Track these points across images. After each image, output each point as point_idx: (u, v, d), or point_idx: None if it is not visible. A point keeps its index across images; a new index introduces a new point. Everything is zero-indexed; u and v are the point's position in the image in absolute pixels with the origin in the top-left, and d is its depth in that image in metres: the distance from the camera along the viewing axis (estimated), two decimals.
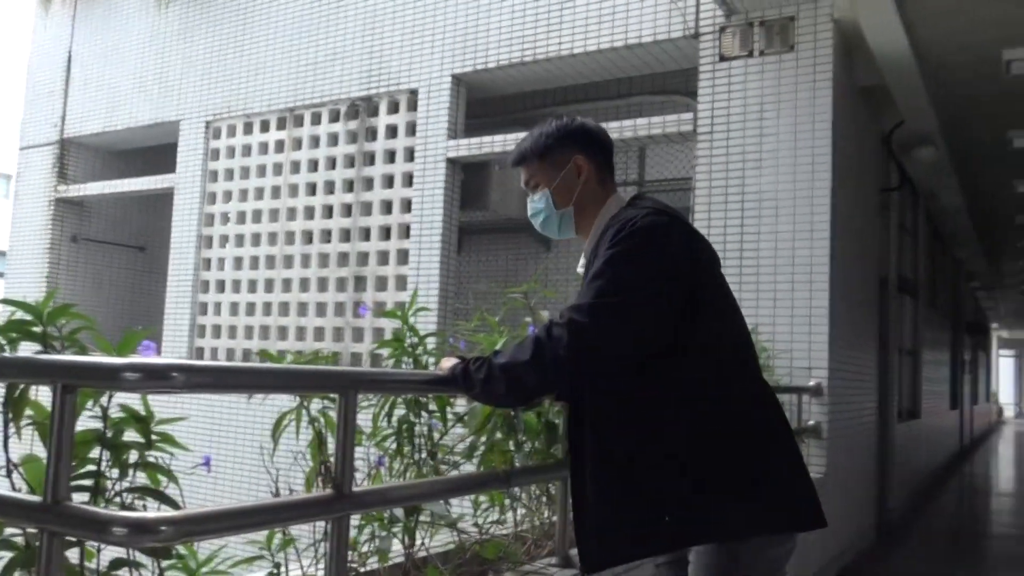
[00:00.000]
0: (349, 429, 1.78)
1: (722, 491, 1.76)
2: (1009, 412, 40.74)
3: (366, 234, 8.06)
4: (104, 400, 1.65)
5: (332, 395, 1.98)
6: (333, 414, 2.11)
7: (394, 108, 8.04)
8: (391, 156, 8.01)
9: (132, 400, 1.70)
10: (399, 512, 2.25)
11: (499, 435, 2.46)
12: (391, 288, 7.81)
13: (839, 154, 5.91)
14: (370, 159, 8.12)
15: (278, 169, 8.72)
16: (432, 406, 2.50)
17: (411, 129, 7.89)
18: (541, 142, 2.11)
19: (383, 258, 7.92)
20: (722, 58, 6.27)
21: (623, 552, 1.82)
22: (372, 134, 8.16)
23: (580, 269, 2.06)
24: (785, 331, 5.82)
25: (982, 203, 10.95)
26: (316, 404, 2.17)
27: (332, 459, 1.81)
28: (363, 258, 8.05)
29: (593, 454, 1.82)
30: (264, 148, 8.86)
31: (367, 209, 8.06)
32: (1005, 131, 7.88)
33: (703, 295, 1.87)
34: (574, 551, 2.74)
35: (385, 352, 2.57)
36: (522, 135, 7.52)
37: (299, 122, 8.62)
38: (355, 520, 2.16)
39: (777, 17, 6.10)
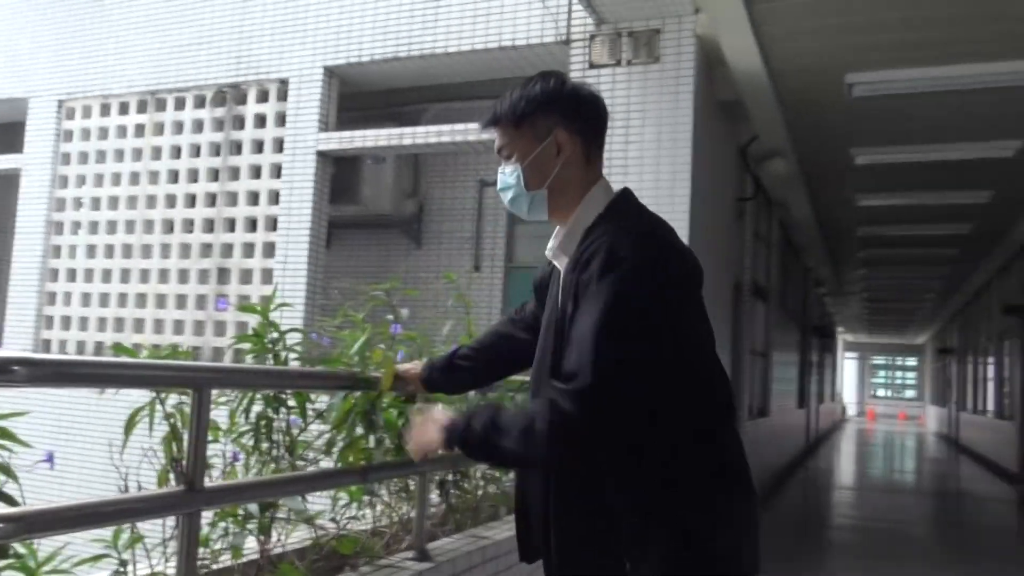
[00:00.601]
0: (202, 425, 1.76)
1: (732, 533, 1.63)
2: (852, 411, 43.57)
3: (231, 225, 7.83)
4: None
5: (187, 390, 1.94)
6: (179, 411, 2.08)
7: (263, 97, 7.85)
8: (259, 146, 7.82)
9: None
10: (254, 508, 2.23)
11: (358, 431, 2.47)
12: (256, 281, 7.62)
13: (699, 163, 6.19)
14: (237, 148, 7.89)
15: (137, 154, 8.35)
16: (291, 402, 2.48)
17: (280, 119, 7.73)
18: (520, 107, 1.76)
19: (248, 250, 7.72)
20: (592, 65, 6.45)
21: None
22: (239, 122, 7.94)
23: (548, 254, 1.80)
24: None
25: (827, 215, 11.70)
26: (172, 399, 2.13)
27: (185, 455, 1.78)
28: (227, 250, 7.82)
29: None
30: (122, 131, 8.46)
31: (232, 199, 7.84)
32: (848, 149, 8.46)
33: (687, 334, 1.66)
34: (431, 545, 2.79)
35: (246, 347, 2.53)
36: (394, 131, 7.45)
37: (161, 106, 8.29)
38: (208, 517, 2.13)
39: (644, 29, 6.33)
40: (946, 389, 26.94)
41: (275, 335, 2.53)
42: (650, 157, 6.20)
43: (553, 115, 1.76)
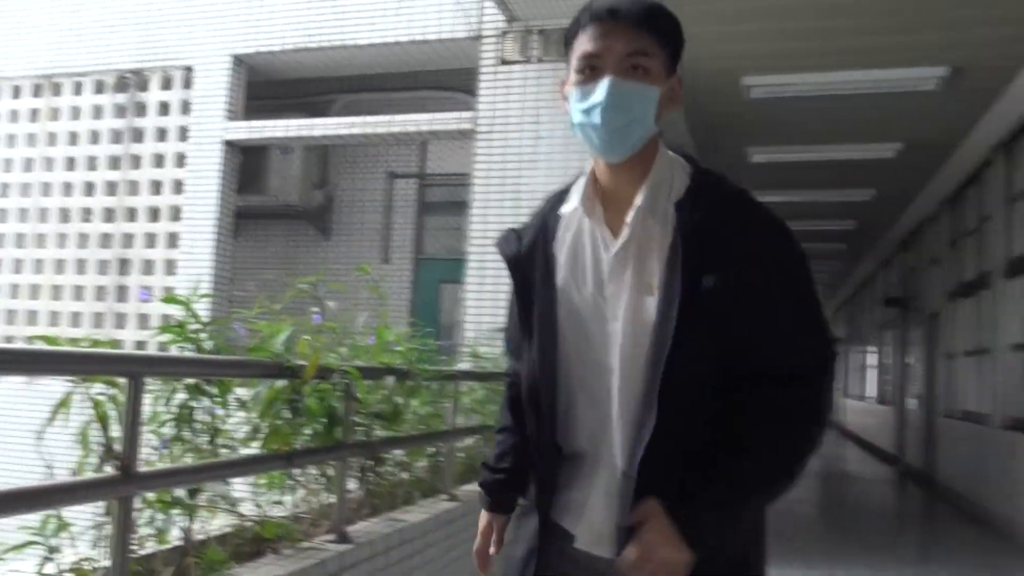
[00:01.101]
0: (136, 411, 1.80)
1: None
2: None
3: (132, 215, 7.64)
4: None
5: (116, 380, 1.97)
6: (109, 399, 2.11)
7: (167, 84, 7.68)
8: (162, 134, 7.65)
9: None
10: (180, 495, 2.27)
11: (282, 419, 2.53)
12: (159, 272, 7.46)
13: None
14: (139, 136, 7.70)
15: (31, 140, 8.04)
16: (213, 391, 2.52)
17: (185, 107, 7.58)
18: (678, 32, 1.44)
19: (150, 240, 7.55)
20: (503, 62, 6.58)
21: None
22: (142, 109, 7.75)
23: (629, 220, 1.41)
24: None
25: None
26: (96, 388, 2.15)
27: (115, 442, 1.82)
28: (128, 240, 7.63)
29: None
30: (15, 116, 8.13)
31: (134, 188, 7.64)
32: (744, 147, 8.85)
33: None
34: (350, 528, 2.88)
35: (167, 338, 2.56)
36: (305, 122, 7.38)
37: (57, 91, 8.00)
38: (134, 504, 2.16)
39: (554, 28, 6.49)
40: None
41: (197, 326, 2.57)
42: (559, 152, 6.38)
43: (677, 57, 1.46)
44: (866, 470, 14.13)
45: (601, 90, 1.37)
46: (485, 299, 6.37)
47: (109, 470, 1.81)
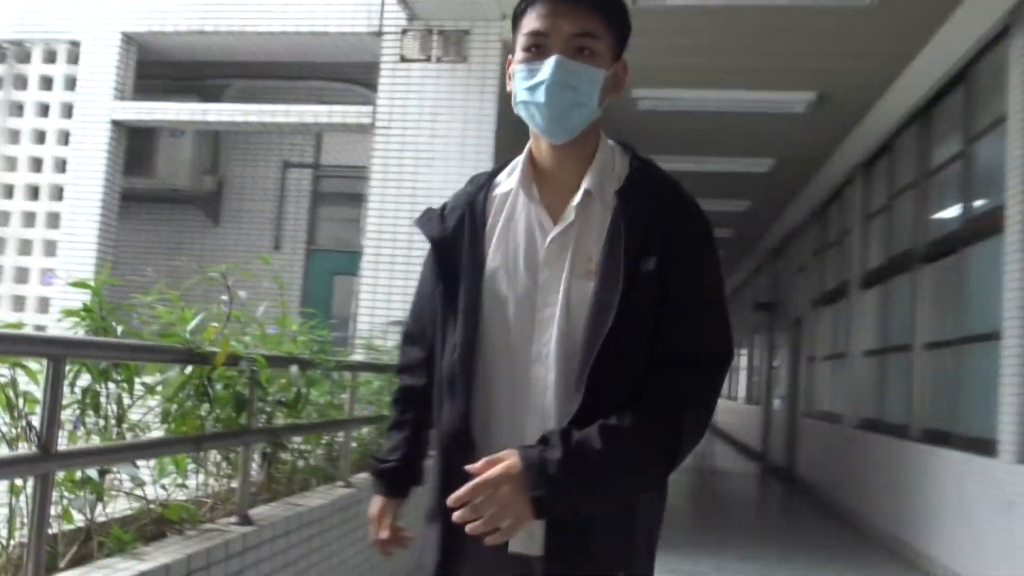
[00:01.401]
0: (58, 393, 1.86)
1: None
2: None
3: (9, 192, 7.33)
4: None
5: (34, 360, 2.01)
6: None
7: (50, 58, 7.40)
8: (44, 110, 7.37)
9: None
10: (92, 475, 2.32)
11: (190, 403, 2.60)
12: (37, 253, 7.19)
13: (498, 159, 6.61)
14: (18, 110, 7.39)
15: None
16: (119, 376, 2.57)
17: (70, 83, 7.32)
18: (625, 17, 1.44)
19: (29, 220, 7.26)
20: (403, 59, 6.68)
21: None
22: (22, 83, 7.43)
23: (575, 203, 1.41)
24: None
25: None
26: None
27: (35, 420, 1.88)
28: (3, 218, 7.31)
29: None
30: None
31: (12, 165, 7.33)
32: None
33: None
34: (253, 510, 2.96)
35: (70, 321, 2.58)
36: (198, 106, 7.26)
37: None
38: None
39: (454, 29, 6.64)
40: None
41: (103, 311, 2.60)
42: (455, 150, 6.53)
43: (624, 42, 1.45)
44: (735, 466, 14.91)
45: (546, 69, 1.35)
46: (380, 292, 6.46)
47: (27, 448, 1.87)
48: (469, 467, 1.27)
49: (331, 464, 3.92)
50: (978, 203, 5.88)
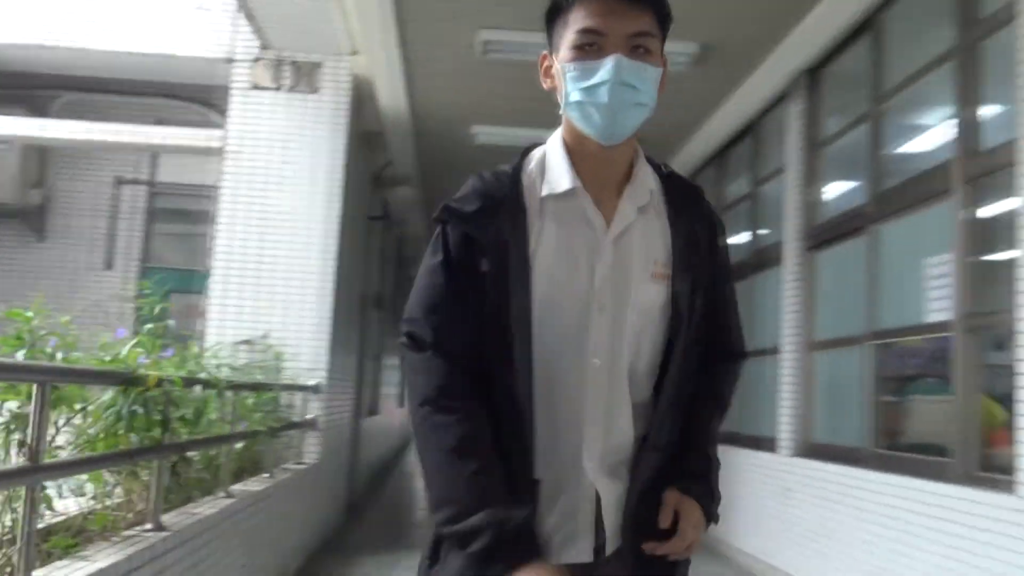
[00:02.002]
0: (46, 412, 2.15)
1: None
2: None
3: None
4: None
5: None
6: None
7: None
8: None
9: None
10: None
11: (122, 423, 2.87)
12: None
13: (347, 187, 6.98)
14: None
15: None
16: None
17: None
18: (670, 15, 1.41)
19: None
20: (255, 87, 6.91)
21: None
22: None
23: (643, 204, 1.42)
24: (295, 336, 6.65)
25: None
26: None
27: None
28: None
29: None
30: None
31: None
32: (467, 180, 9.89)
33: None
34: (164, 517, 3.25)
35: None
36: (35, 121, 7.10)
37: None
38: None
39: (306, 61, 6.95)
40: None
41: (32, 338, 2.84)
42: (305, 177, 6.83)
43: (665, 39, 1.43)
44: None
45: (607, 68, 1.31)
46: (229, 312, 6.61)
47: (18, 460, 2.13)
48: (662, 521, 1.37)
49: (213, 476, 4.18)
50: (763, 234, 7.01)
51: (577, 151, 1.42)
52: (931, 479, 4.15)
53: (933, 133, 4.84)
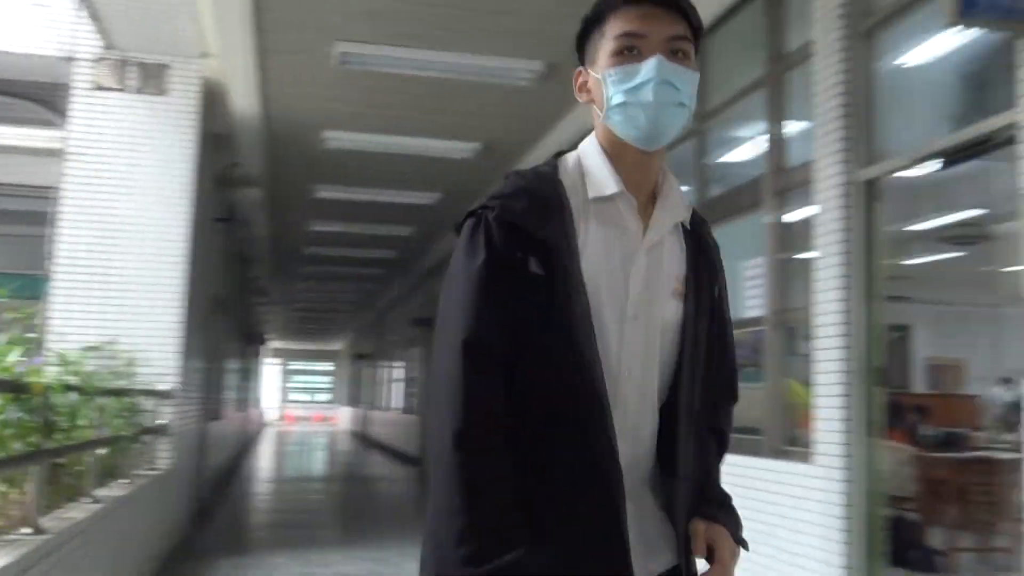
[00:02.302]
0: None
1: None
2: (271, 415, 45.67)
3: None
4: None
5: None
6: None
7: None
8: None
9: None
10: None
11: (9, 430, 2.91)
12: None
13: (196, 189, 6.93)
14: None
15: None
16: None
17: None
18: (702, 25, 1.42)
19: None
20: (98, 87, 6.75)
21: None
22: None
23: (679, 221, 1.45)
24: (145, 341, 6.55)
25: (283, 234, 13.23)
26: None
27: None
28: None
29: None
30: None
31: None
32: (313, 184, 9.97)
33: None
34: (42, 519, 3.30)
35: None
36: None
37: None
38: None
39: (153, 62, 6.86)
40: (359, 391, 30.48)
41: None
42: (154, 181, 6.75)
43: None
44: (390, 471, 16.10)
45: (650, 66, 1.32)
46: (74, 317, 6.43)
47: None
48: (699, 551, 1.39)
49: (80, 480, 4.18)
50: None
51: (616, 158, 1.40)
52: (748, 455, 4.76)
53: (748, 148, 5.55)
